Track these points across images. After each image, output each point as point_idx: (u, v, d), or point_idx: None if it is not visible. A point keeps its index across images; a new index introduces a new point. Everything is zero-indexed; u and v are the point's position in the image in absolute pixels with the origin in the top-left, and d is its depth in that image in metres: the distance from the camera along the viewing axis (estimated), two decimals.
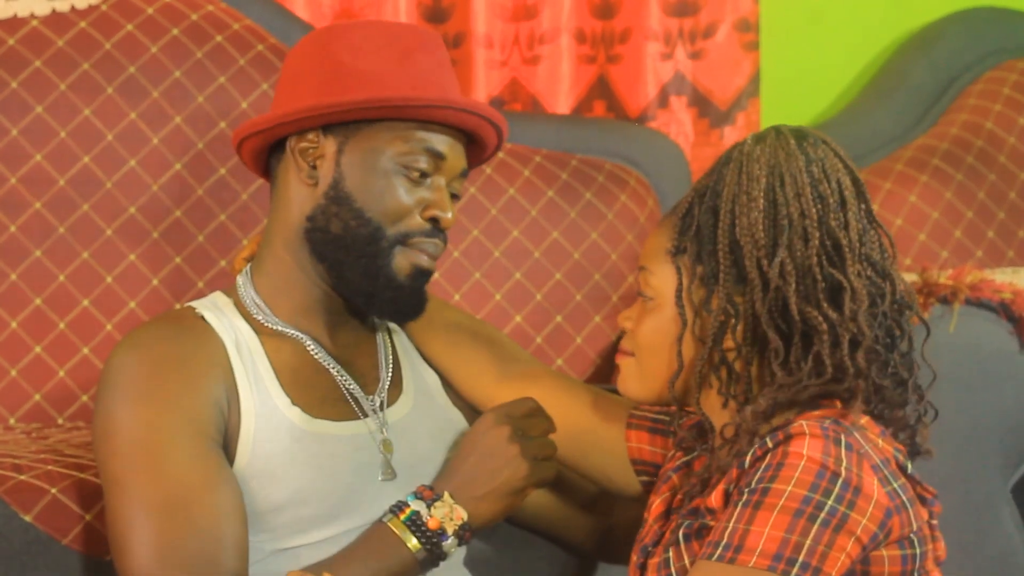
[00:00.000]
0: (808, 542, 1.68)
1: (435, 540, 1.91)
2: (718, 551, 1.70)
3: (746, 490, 1.72)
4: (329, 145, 1.98)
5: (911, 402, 1.84)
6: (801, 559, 1.67)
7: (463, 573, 2.06)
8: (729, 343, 1.81)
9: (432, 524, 1.91)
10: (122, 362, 1.93)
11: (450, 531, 1.91)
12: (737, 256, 1.80)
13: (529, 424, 1.97)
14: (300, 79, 2.00)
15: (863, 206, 1.83)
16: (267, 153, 2.05)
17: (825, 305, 1.78)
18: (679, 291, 1.84)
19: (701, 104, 3.42)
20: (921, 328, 1.87)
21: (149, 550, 1.83)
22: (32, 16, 2.84)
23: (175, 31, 2.88)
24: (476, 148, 2.08)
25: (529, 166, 3.06)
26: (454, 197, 2.03)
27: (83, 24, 2.84)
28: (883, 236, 1.84)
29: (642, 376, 1.89)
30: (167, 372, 1.91)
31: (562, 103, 3.37)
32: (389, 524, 1.91)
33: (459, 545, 1.93)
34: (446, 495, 1.93)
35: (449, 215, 1.99)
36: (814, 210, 1.79)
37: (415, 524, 1.91)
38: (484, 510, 1.94)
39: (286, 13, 3.04)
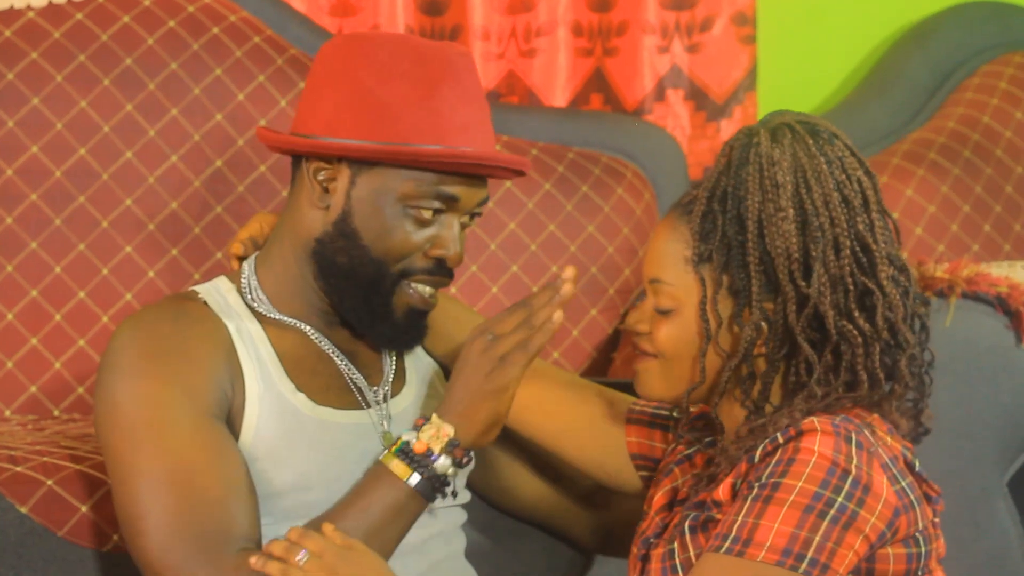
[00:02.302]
0: (817, 538, 1.67)
1: (425, 463, 1.89)
2: (726, 544, 1.69)
3: (756, 484, 1.71)
4: (343, 173, 1.95)
5: (926, 387, 1.84)
6: (810, 555, 1.67)
7: (465, 565, 2.06)
8: (759, 352, 1.80)
9: (418, 448, 1.89)
10: (123, 342, 1.92)
11: (437, 449, 1.89)
12: (768, 268, 1.77)
13: (501, 325, 1.92)
14: (323, 95, 1.96)
15: (877, 197, 1.81)
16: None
17: (857, 314, 1.76)
18: (703, 302, 1.80)
19: (698, 97, 3.42)
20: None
21: (160, 525, 1.83)
22: (29, 7, 2.83)
23: (172, 23, 2.88)
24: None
25: (526, 159, 3.06)
26: (476, 215, 2.00)
27: (80, 16, 2.84)
28: (891, 226, 1.82)
29: (667, 379, 1.86)
30: (168, 350, 1.91)
31: (559, 96, 3.37)
32: (381, 460, 1.90)
33: (456, 465, 1.90)
34: (433, 416, 1.91)
35: (453, 253, 1.96)
36: (843, 217, 1.77)
37: (405, 453, 1.90)
38: (470, 421, 1.90)
39: (282, 5, 3.04)
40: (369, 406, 2.01)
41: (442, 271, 1.98)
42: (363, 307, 1.97)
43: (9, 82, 2.77)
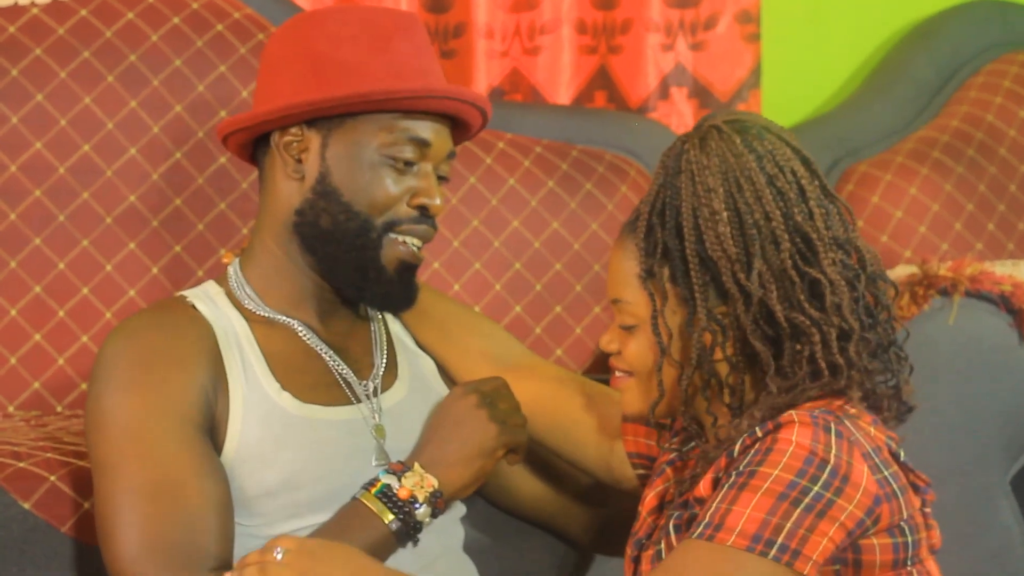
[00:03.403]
0: (789, 525, 1.68)
1: (407, 509, 1.92)
2: (700, 529, 1.70)
3: (734, 473, 1.72)
4: (313, 138, 1.98)
5: (894, 364, 1.83)
6: (780, 541, 1.67)
7: (463, 559, 2.06)
8: (719, 356, 1.80)
9: (403, 494, 1.92)
10: (111, 351, 1.95)
11: (421, 498, 1.92)
12: (712, 272, 1.78)
13: (497, 395, 1.99)
14: (280, 71, 1.99)
15: (817, 184, 1.81)
16: (253, 145, 2.05)
17: (807, 305, 1.77)
18: (654, 316, 1.82)
19: (702, 95, 3.42)
20: (917, 319, 1.87)
21: (135, 534, 1.85)
22: (33, 4, 2.84)
23: (176, 19, 2.88)
24: (461, 129, 2.08)
25: (529, 156, 3.06)
26: (442, 179, 2.03)
27: (84, 12, 2.84)
28: (842, 208, 1.82)
29: (646, 395, 1.87)
30: (154, 360, 1.92)
31: (563, 94, 3.37)
32: (362, 499, 1.92)
33: (433, 515, 1.94)
34: (416, 466, 1.95)
35: (437, 201, 1.99)
36: (778, 210, 1.77)
37: (387, 496, 1.92)
38: (455, 476, 1.96)
39: (286, 2, 3.04)
40: (359, 401, 2.01)
41: (426, 219, 2.00)
42: (354, 269, 1.98)
43: (13, 78, 2.77)
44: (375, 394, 2.03)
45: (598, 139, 3.15)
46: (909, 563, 1.77)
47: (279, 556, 1.74)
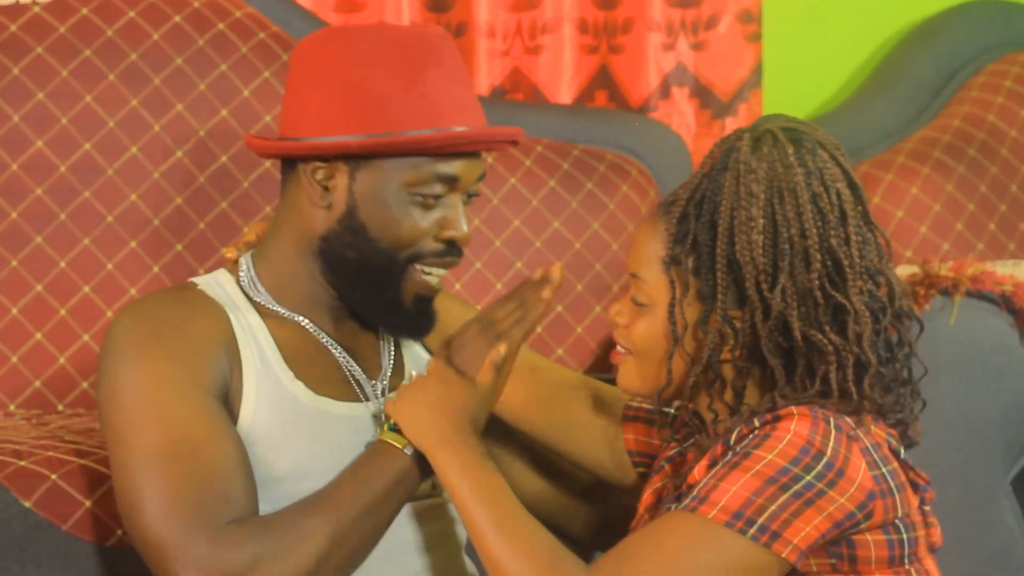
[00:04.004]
0: (772, 508, 1.68)
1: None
2: (685, 501, 1.71)
3: (729, 453, 1.73)
4: (341, 169, 1.95)
5: (907, 400, 1.83)
6: (761, 521, 1.67)
7: (463, 561, 2.06)
8: (726, 357, 1.80)
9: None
10: (123, 328, 1.93)
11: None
12: (736, 276, 1.78)
13: (494, 312, 1.98)
14: (310, 95, 1.96)
15: (861, 209, 1.80)
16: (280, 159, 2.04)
17: (828, 328, 1.75)
18: (672, 305, 1.81)
19: (703, 95, 3.42)
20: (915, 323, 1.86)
21: (161, 497, 1.83)
22: (34, 2, 2.84)
23: (177, 18, 2.88)
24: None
25: (530, 156, 3.06)
26: (472, 195, 2.01)
27: (85, 11, 2.84)
28: (879, 238, 1.81)
29: (641, 375, 1.87)
30: (168, 332, 1.92)
31: (564, 93, 3.36)
32: (379, 437, 1.92)
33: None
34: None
35: (464, 231, 1.97)
36: (815, 230, 1.76)
37: (397, 431, 1.92)
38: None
39: (288, 1, 3.04)
40: (368, 399, 2.01)
41: (452, 251, 1.99)
42: (374, 298, 1.98)
43: (15, 77, 2.77)
44: (383, 394, 2.03)
45: (599, 138, 3.15)
46: (906, 561, 1.76)
47: None
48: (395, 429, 1.91)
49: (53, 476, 2.06)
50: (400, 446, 1.90)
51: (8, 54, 2.78)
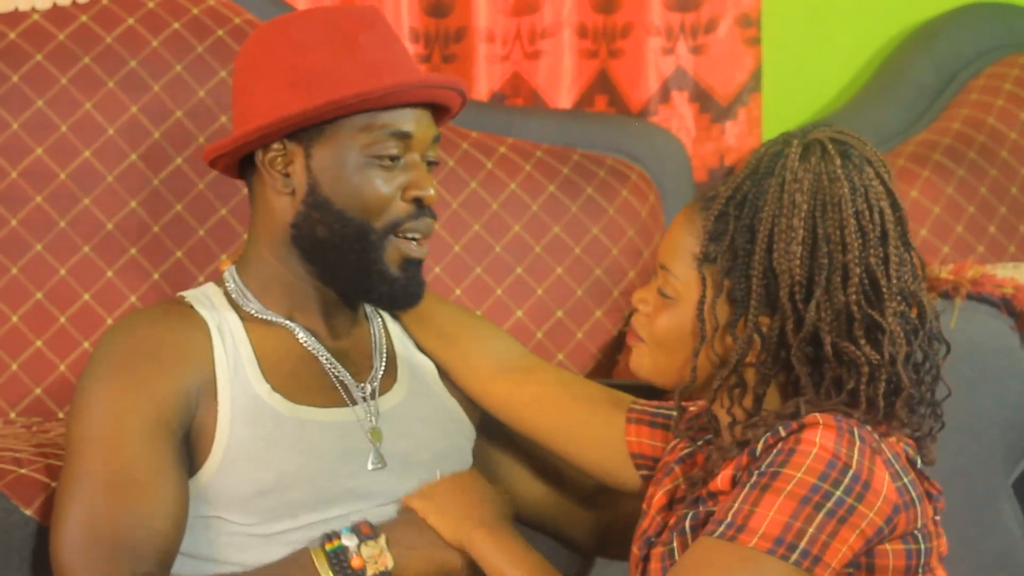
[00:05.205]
0: (811, 530, 1.67)
1: (350, 575, 1.90)
2: (720, 528, 1.69)
3: (756, 472, 1.71)
4: (296, 151, 1.98)
5: (928, 420, 1.83)
6: (802, 546, 1.67)
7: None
8: (750, 361, 1.79)
9: (355, 563, 1.90)
10: (104, 346, 1.96)
11: (369, 573, 1.90)
12: (771, 284, 1.76)
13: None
14: (253, 87, 1.99)
15: (900, 229, 1.78)
16: (240, 163, 2.05)
17: (863, 342, 1.74)
18: (702, 302, 1.80)
19: (703, 99, 3.42)
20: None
21: (80, 522, 1.85)
22: (33, 10, 2.84)
23: (176, 25, 2.88)
24: (441, 111, 2.07)
25: (530, 161, 3.06)
26: (432, 164, 2.03)
27: (84, 18, 2.84)
28: (915, 259, 1.80)
29: (655, 365, 1.86)
30: (140, 358, 1.93)
31: (563, 98, 3.37)
32: (311, 551, 1.91)
33: None
34: (382, 538, 1.93)
35: (430, 191, 1.99)
36: (856, 247, 1.74)
37: (338, 558, 1.90)
38: (413, 564, 1.94)
39: (287, 8, 3.04)
40: (355, 403, 2.01)
41: (424, 212, 1.99)
42: (356, 273, 1.99)
43: (14, 84, 2.77)
44: (373, 397, 2.03)
45: (599, 143, 3.15)
46: (920, 571, 1.76)
47: None
48: (334, 556, 1.90)
49: (53, 484, 2.06)
50: (321, 573, 1.89)
51: (7, 61, 2.78)
